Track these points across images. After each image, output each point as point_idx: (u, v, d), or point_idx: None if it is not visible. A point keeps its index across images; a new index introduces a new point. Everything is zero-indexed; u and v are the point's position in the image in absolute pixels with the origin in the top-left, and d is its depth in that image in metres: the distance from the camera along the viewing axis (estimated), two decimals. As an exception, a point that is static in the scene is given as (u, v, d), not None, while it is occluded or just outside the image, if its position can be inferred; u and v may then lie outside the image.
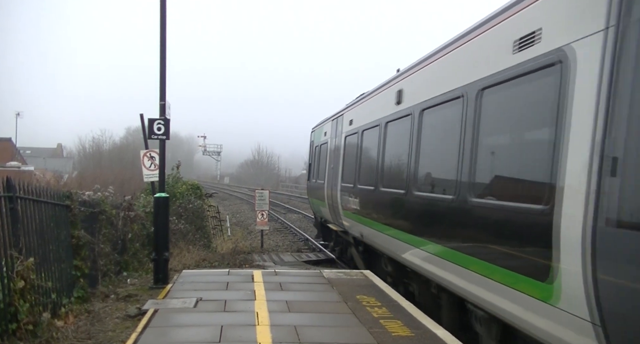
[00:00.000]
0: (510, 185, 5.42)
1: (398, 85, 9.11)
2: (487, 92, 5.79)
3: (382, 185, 9.57)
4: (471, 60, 6.32)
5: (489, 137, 5.85)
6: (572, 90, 4.30)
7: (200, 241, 15.81)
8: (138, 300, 8.33)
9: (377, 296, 8.56)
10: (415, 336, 6.47)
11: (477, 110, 5.96)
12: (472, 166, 5.99)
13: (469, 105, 6.13)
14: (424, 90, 7.76)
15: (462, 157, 6.23)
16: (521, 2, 5.28)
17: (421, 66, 8.08)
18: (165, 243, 9.66)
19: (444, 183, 6.88)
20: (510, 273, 5.07)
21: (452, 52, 6.93)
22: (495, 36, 5.77)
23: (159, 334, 6.46)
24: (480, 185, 5.90)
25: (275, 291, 8.84)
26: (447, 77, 6.96)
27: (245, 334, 6.43)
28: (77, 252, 8.24)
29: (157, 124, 9.44)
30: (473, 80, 6.09)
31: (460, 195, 6.17)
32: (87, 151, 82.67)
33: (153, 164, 10.36)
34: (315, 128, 18.25)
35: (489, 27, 5.95)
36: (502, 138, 5.75)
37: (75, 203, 8.28)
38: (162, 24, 9.43)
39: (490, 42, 5.88)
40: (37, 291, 6.42)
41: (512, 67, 5.27)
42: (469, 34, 6.50)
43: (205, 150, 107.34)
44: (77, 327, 6.84)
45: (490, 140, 5.84)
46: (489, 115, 5.81)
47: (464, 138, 6.20)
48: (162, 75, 9.48)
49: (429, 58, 7.79)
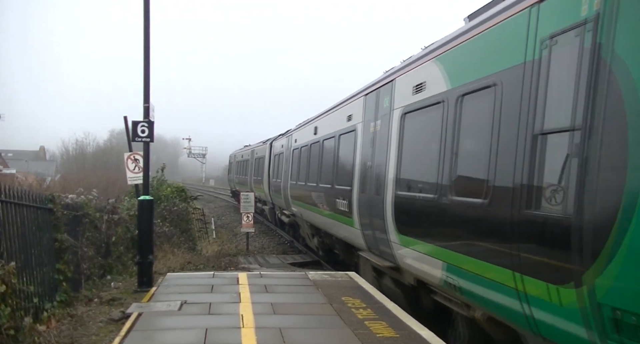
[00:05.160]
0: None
1: (315, 122, 15.45)
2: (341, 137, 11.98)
3: (307, 181, 15.32)
4: (339, 119, 12.44)
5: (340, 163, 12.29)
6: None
7: (185, 244, 15.74)
8: (122, 304, 8.28)
9: (362, 297, 8.60)
10: (400, 336, 6.51)
11: (336, 146, 12.41)
12: (332, 173, 12.73)
13: (336, 143, 12.39)
14: (325, 129, 13.84)
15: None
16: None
17: (324, 115, 14.47)
18: (149, 246, 9.60)
19: (321, 179, 13.68)
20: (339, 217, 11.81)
21: (331, 113, 13.59)
22: (340, 113, 12.50)
23: (143, 338, 6.43)
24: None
25: (261, 293, 8.84)
26: (331, 125, 13.26)
27: (230, 336, 6.42)
28: (60, 256, 8.17)
29: (141, 126, 9.38)
30: (338, 129, 12.34)
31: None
32: (70, 154, 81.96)
33: (137, 167, 10.31)
34: (274, 142, 24.07)
35: (337, 109, 13.04)
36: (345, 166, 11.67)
37: (58, 207, 8.21)
38: (145, 25, 9.37)
39: (339, 114, 12.46)
40: (18, 295, 6.34)
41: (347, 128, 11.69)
42: (336, 106, 13.19)
43: (190, 152, 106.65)
44: (59, 331, 6.78)
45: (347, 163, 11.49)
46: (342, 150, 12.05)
47: (335, 157, 12.54)
48: (145, 77, 9.43)
49: (329, 111, 14.07)
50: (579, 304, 4.12)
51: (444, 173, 6.53)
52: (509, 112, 5.25)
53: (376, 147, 9.37)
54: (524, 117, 4.93)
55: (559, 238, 4.35)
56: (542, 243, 4.67)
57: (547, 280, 4.50)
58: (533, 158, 4.77)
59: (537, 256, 4.69)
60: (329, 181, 12.69)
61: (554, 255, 4.45)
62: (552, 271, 4.45)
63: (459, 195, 6.17)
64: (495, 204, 5.32)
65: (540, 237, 4.66)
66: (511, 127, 5.16)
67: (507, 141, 5.20)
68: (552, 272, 4.45)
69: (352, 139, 10.88)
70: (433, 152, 6.85)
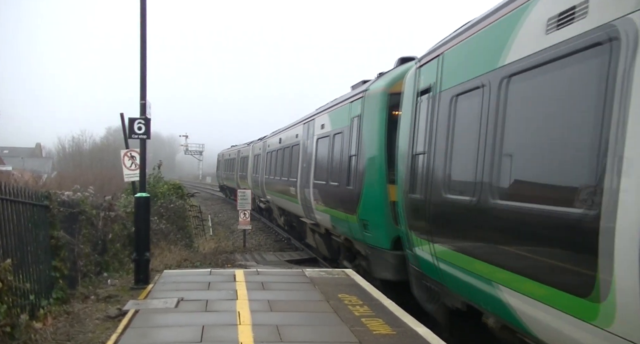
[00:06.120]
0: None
1: (280, 134, 21.56)
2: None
3: (275, 176, 21.05)
4: (292, 135, 18.70)
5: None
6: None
7: (181, 241, 15.69)
8: (119, 301, 8.27)
9: (358, 294, 8.60)
10: (397, 334, 6.52)
11: (290, 153, 18.17)
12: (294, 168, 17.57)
13: (291, 150, 18.30)
14: (285, 140, 19.73)
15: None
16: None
17: (285, 130, 20.63)
18: (146, 243, 9.59)
19: (283, 174, 19.23)
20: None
21: (288, 130, 19.72)
22: (292, 131, 19.21)
23: (140, 335, 6.43)
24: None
25: (258, 290, 8.84)
26: (287, 138, 19.39)
27: (226, 334, 6.42)
28: (56, 253, 8.14)
29: (137, 123, 9.36)
30: (291, 142, 18.48)
31: (282, 178, 19.51)
32: (66, 151, 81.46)
33: (134, 164, 10.28)
34: (254, 144, 30.46)
35: (291, 128, 19.59)
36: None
37: (54, 204, 8.18)
38: (142, 21, 9.35)
39: (292, 131, 19.05)
40: (14, 292, 6.33)
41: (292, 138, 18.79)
42: (292, 126, 19.23)
43: (187, 149, 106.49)
44: (56, 329, 6.77)
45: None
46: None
47: (290, 160, 18.29)
48: (142, 74, 9.40)
49: (288, 128, 20.07)
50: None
51: (332, 173, 12.52)
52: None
53: (307, 156, 15.58)
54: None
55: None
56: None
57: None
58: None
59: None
60: (286, 175, 18.67)
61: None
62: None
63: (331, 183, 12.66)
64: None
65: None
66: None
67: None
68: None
69: (298, 149, 17.09)
70: (328, 160, 12.95)
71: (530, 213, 4.73)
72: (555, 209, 4.36)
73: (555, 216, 4.36)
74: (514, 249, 5.13)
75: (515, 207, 4.97)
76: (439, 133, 6.94)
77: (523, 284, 4.86)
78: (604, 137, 3.85)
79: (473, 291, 5.94)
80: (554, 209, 4.38)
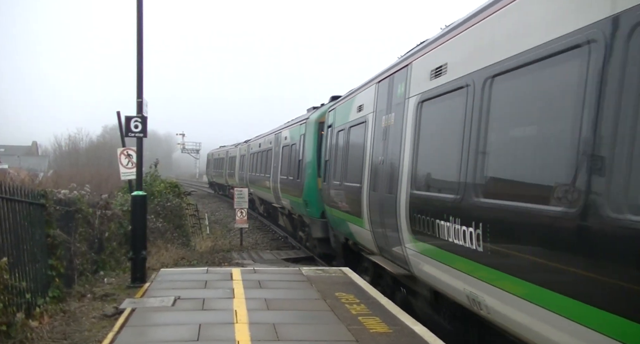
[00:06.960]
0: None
1: (259, 140, 27.31)
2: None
3: (256, 173, 25.84)
4: (268, 141, 23.96)
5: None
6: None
7: (178, 240, 15.67)
8: (115, 299, 8.26)
9: (355, 293, 8.61)
10: (393, 332, 6.53)
11: (268, 155, 23.41)
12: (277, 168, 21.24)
13: (269, 153, 23.14)
14: (263, 145, 25.04)
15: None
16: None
17: (263, 136, 26.25)
18: (142, 241, 9.58)
19: (262, 171, 24.49)
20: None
21: (266, 136, 25.40)
22: (269, 138, 24.61)
23: (137, 334, 6.42)
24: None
25: (254, 289, 8.84)
26: (266, 142, 24.60)
27: (223, 332, 6.42)
28: (52, 251, 8.12)
29: (134, 122, 9.34)
30: (268, 147, 23.76)
31: (261, 174, 25.07)
32: (63, 149, 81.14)
33: (130, 162, 10.28)
34: (240, 146, 35.64)
35: (268, 135, 25.00)
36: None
37: (50, 202, 8.16)
38: (138, 18, 9.33)
39: (269, 138, 24.47)
40: (10, 291, 6.32)
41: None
42: (268, 133, 24.97)
43: (184, 147, 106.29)
44: (52, 327, 6.76)
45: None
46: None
47: (267, 161, 23.51)
48: (139, 72, 9.39)
49: (266, 135, 25.36)
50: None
51: (289, 171, 17.45)
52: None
53: (277, 158, 20.81)
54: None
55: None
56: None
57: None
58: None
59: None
60: (264, 172, 23.65)
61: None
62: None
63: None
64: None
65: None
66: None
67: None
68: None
69: (271, 153, 22.11)
70: (288, 162, 17.87)
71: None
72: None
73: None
74: (346, 200, 10.90)
75: (345, 186, 11.02)
76: (334, 149, 12.22)
77: (352, 218, 10.46)
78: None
79: (342, 228, 11.92)
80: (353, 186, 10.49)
